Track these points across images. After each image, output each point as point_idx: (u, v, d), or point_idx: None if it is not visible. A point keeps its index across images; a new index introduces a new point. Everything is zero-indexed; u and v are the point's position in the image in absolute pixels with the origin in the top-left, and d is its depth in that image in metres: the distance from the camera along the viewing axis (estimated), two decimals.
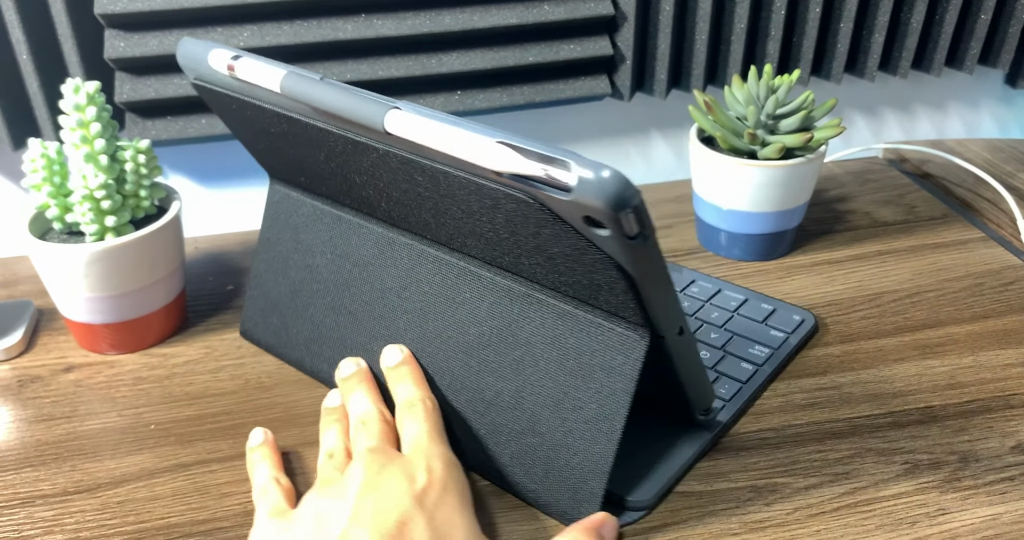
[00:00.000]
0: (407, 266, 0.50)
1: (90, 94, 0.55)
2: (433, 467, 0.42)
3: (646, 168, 0.88)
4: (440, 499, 0.41)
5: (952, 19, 0.81)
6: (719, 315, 0.60)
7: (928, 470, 0.48)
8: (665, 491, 0.47)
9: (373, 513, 0.39)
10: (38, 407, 0.55)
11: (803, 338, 0.58)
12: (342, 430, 0.48)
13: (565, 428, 0.44)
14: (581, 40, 0.75)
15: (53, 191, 0.56)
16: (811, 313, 0.60)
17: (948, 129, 0.93)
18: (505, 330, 0.46)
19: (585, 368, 0.44)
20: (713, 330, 0.58)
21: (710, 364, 0.55)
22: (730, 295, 0.62)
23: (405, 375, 0.49)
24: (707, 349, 0.56)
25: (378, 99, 0.40)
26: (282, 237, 0.57)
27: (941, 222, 0.74)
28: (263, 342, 0.59)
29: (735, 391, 0.53)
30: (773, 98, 0.64)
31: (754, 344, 0.57)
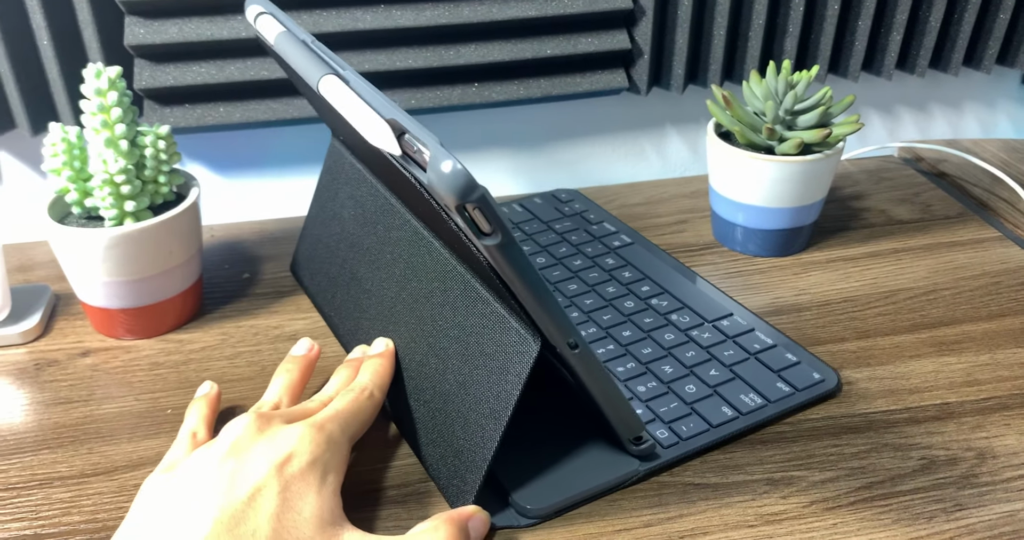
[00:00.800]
0: (396, 234, 0.52)
1: (111, 79, 0.55)
2: (309, 440, 0.42)
3: (661, 163, 0.88)
4: (301, 473, 0.40)
5: (971, 18, 0.81)
6: (733, 354, 0.55)
7: (945, 466, 0.48)
8: (563, 508, 0.45)
9: (230, 476, 0.39)
10: (55, 390, 0.55)
11: (813, 398, 0.52)
12: (287, 383, 0.49)
13: (465, 412, 0.45)
14: (599, 34, 0.75)
15: (73, 175, 0.57)
16: (837, 374, 0.54)
17: (964, 129, 0.93)
18: (448, 306, 0.47)
19: (489, 360, 0.44)
20: (716, 367, 0.54)
21: (691, 399, 0.52)
22: (760, 336, 0.57)
23: (371, 365, 0.50)
24: (696, 384, 0.53)
25: (329, 65, 0.42)
26: (329, 187, 0.60)
27: (957, 221, 0.74)
28: (303, 282, 0.64)
29: (697, 432, 0.49)
30: (792, 93, 0.64)
31: (750, 391, 0.52)
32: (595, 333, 0.58)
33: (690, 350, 0.56)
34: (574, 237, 0.70)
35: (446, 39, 0.73)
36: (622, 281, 0.64)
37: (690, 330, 0.58)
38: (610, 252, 0.67)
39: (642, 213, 0.76)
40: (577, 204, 0.75)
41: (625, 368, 0.55)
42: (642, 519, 0.45)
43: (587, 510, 0.46)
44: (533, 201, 0.76)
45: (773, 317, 0.61)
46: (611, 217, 0.73)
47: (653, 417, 0.51)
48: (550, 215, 0.74)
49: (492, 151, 0.84)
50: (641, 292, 0.62)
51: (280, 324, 0.61)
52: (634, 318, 0.59)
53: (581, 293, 0.62)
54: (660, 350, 0.56)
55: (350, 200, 0.58)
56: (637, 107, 0.84)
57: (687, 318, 0.59)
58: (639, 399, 0.52)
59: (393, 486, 0.48)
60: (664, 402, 0.52)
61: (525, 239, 0.70)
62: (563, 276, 0.65)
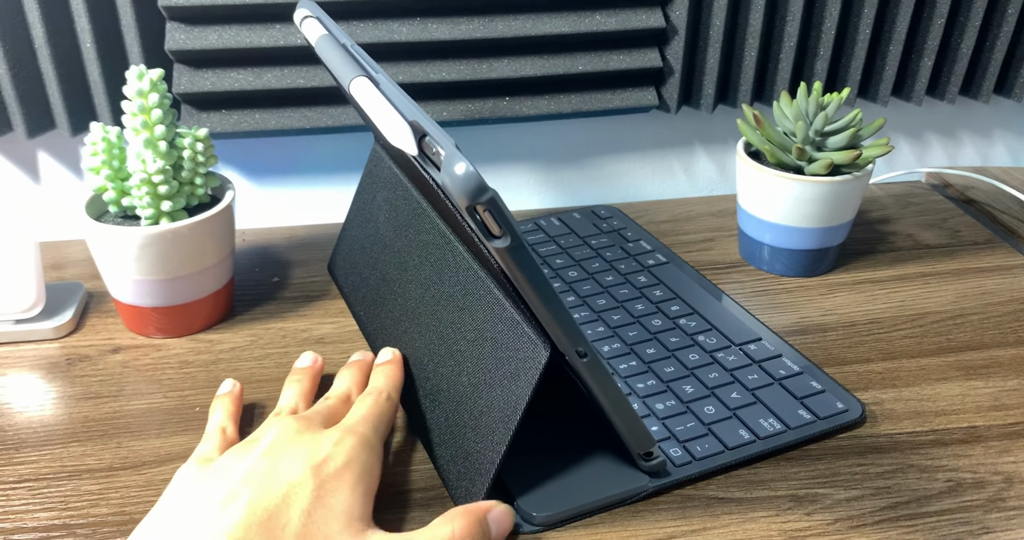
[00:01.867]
0: (425, 238, 0.53)
1: (153, 81, 0.56)
2: (345, 443, 0.42)
3: (689, 182, 0.88)
4: (337, 473, 0.41)
5: (1003, 46, 0.81)
6: (757, 378, 0.55)
7: (972, 489, 0.48)
8: (568, 518, 0.45)
9: (265, 474, 0.40)
10: (86, 385, 0.56)
11: (834, 427, 0.51)
12: (300, 391, 0.50)
13: (477, 415, 0.45)
14: (631, 51, 0.76)
15: (111, 174, 0.58)
16: (862, 404, 0.53)
17: (994, 157, 0.93)
18: (467, 310, 0.48)
19: (501, 364, 0.44)
20: (738, 390, 0.54)
21: (709, 420, 0.51)
22: (787, 363, 0.56)
23: (383, 371, 0.51)
24: (716, 405, 0.52)
25: (363, 67, 0.43)
26: (368, 190, 0.62)
27: (985, 247, 0.73)
28: (338, 282, 0.65)
29: (711, 453, 0.49)
30: (823, 115, 0.64)
31: (770, 416, 0.52)
32: (619, 349, 0.58)
33: (713, 372, 0.56)
34: (608, 253, 0.70)
35: (480, 53, 0.74)
36: (652, 299, 0.64)
37: (716, 352, 0.58)
38: (643, 270, 0.68)
39: (669, 230, 0.76)
40: (615, 221, 0.76)
41: (645, 385, 0.54)
42: (665, 531, 0.45)
43: (609, 519, 0.46)
44: (572, 215, 0.77)
45: (799, 336, 0.61)
46: (648, 235, 0.73)
47: (668, 435, 0.50)
48: (587, 230, 0.74)
49: (520, 165, 0.85)
50: (670, 311, 0.62)
51: (308, 327, 0.62)
52: (660, 336, 0.59)
53: (609, 308, 0.63)
54: (683, 369, 0.56)
55: (386, 203, 0.59)
56: (666, 125, 0.85)
57: (714, 340, 0.59)
58: (656, 416, 0.52)
59: (417, 489, 0.48)
60: (681, 421, 0.51)
61: (559, 252, 0.71)
62: (593, 291, 0.65)
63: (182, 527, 0.38)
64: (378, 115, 0.39)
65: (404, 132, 0.38)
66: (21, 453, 0.50)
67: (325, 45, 0.47)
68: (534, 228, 0.75)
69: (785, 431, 0.51)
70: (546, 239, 0.73)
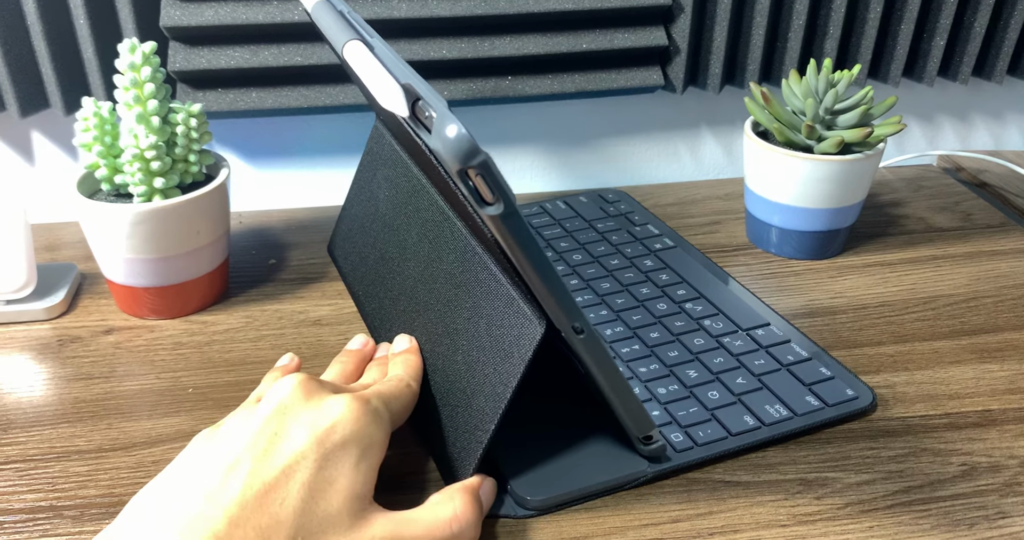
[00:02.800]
0: (425, 215, 0.51)
1: (146, 54, 0.55)
2: (353, 417, 0.40)
3: (695, 164, 0.87)
4: (342, 443, 0.39)
5: (1017, 25, 0.79)
6: (764, 364, 0.53)
7: (987, 473, 0.46)
8: (563, 502, 0.44)
9: (269, 441, 0.38)
10: (77, 366, 0.55)
11: (844, 415, 0.50)
12: (341, 371, 0.49)
13: (469, 393, 0.44)
14: (636, 29, 0.74)
15: (103, 151, 0.56)
16: (872, 391, 0.51)
17: (1007, 140, 0.91)
18: (464, 287, 0.46)
19: (496, 341, 0.43)
20: (743, 375, 0.52)
21: (713, 405, 0.50)
22: (795, 348, 0.55)
23: (402, 359, 0.48)
24: (720, 390, 0.51)
25: (357, 31, 0.43)
26: (369, 168, 0.60)
27: (999, 230, 0.72)
28: (338, 262, 0.64)
29: (714, 439, 0.47)
30: (833, 92, 0.62)
31: (776, 402, 0.50)
32: (622, 332, 0.57)
33: (719, 356, 0.54)
34: (615, 237, 0.69)
35: (481, 31, 0.72)
36: (658, 283, 0.62)
37: (722, 337, 0.56)
38: (650, 254, 0.66)
39: (674, 213, 0.75)
40: (623, 205, 0.74)
41: (648, 369, 0.53)
42: (670, 514, 0.44)
43: (612, 502, 0.44)
44: (579, 199, 0.75)
45: (808, 319, 0.59)
46: (655, 219, 0.71)
47: (670, 420, 0.49)
48: (593, 214, 0.73)
49: (523, 147, 0.83)
50: (676, 295, 0.60)
51: (305, 309, 0.60)
52: (665, 321, 0.58)
53: (614, 292, 0.61)
54: (687, 354, 0.54)
55: (386, 181, 0.57)
56: (672, 106, 0.83)
57: (720, 325, 0.57)
58: (658, 401, 0.50)
59: (411, 472, 0.46)
60: (684, 406, 0.50)
61: (564, 236, 0.69)
62: (597, 274, 0.64)
63: (184, 494, 0.36)
64: (371, 78, 0.38)
65: (397, 95, 0.36)
66: (9, 434, 0.49)
67: (321, 10, 0.46)
68: (539, 211, 0.73)
69: (792, 418, 0.49)
70: (551, 222, 0.71)
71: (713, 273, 0.64)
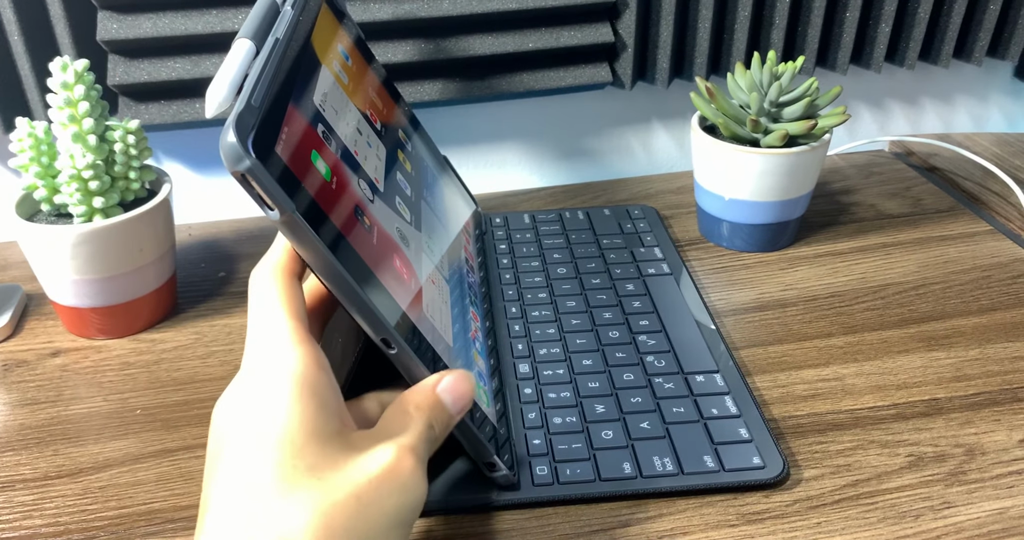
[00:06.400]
0: None
1: (78, 72, 0.54)
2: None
3: (647, 158, 0.87)
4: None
5: (960, 10, 0.79)
6: (683, 412, 0.49)
7: (933, 463, 0.47)
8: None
9: None
10: (22, 391, 0.54)
11: (742, 482, 0.45)
12: None
13: None
14: (582, 27, 0.74)
15: (41, 172, 0.55)
16: (786, 463, 0.46)
17: (956, 123, 0.92)
18: None
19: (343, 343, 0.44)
20: (651, 420, 0.49)
21: (600, 445, 0.47)
22: (727, 403, 0.50)
23: None
24: (617, 431, 0.48)
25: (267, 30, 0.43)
26: None
27: (948, 215, 0.72)
28: None
29: (580, 480, 0.45)
30: (776, 85, 0.63)
31: (668, 455, 0.46)
32: (556, 354, 0.55)
33: (640, 396, 0.51)
34: (613, 255, 0.66)
35: (426, 33, 0.72)
36: (627, 309, 0.59)
37: (657, 376, 0.52)
38: (638, 278, 0.63)
39: None
40: (643, 223, 0.70)
41: (558, 396, 0.51)
42: (619, 519, 0.44)
43: (563, 509, 0.44)
44: (601, 212, 0.72)
45: (758, 313, 0.60)
46: (668, 243, 0.68)
47: (546, 451, 0.47)
48: (607, 228, 0.70)
49: (474, 146, 0.83)
50: (637, 325, 0.57)
51: None
52: (608, 349, 0.55)
53: (574, 312, 0.59)
54: (609, 388, 0.51)
55: None
56: (622, 102, 0.83)
57: (663, 363, 0.54)
58: (547, 430, 0.48)
59: None
60: (569, 440, 0.47)
61: (563, 247, 0.67)
62: (571, 291, 0.61)
63: None
64: (219, 75, 0.38)
65: (216, 94, 0.37)
66: None
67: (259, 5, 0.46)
68: (555, 218, 0.71)
69: (676, 475, 0.45)
70: (559, 231, 0.69)
71: (694, 309, 0.59)
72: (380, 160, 0.51)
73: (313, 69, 0.47)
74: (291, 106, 0.40)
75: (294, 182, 0.36)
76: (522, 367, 0.54)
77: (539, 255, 0.66)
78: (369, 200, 0.45)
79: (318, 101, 0.45)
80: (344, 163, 0.44)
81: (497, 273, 0.64)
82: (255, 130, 0.34)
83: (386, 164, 0.52)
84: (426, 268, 0.49)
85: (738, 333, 0.58)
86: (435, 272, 0.50)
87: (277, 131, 0.37)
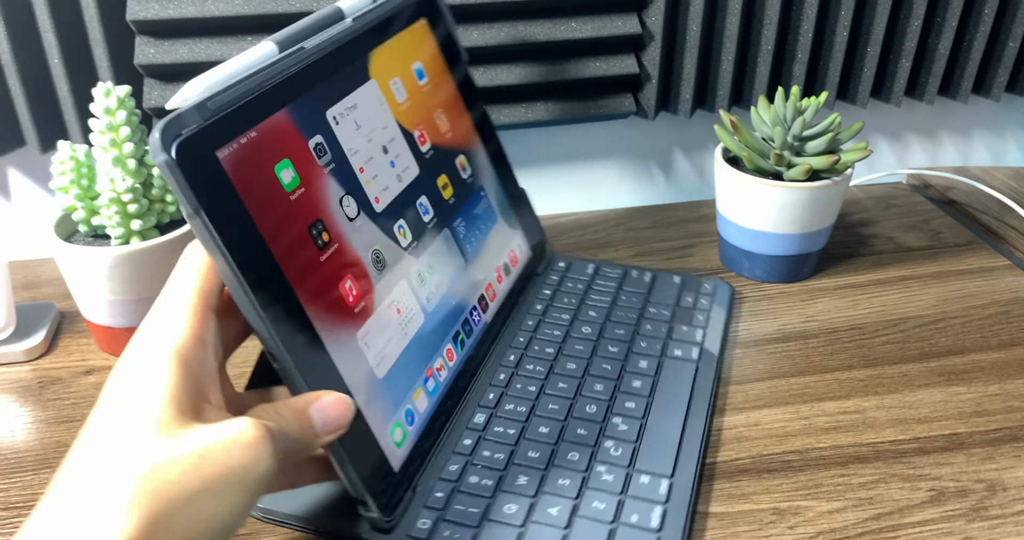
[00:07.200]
0: None
1: (120, 98, 0.55)
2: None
3: (669, 187, 0.88)
4: None
5: (980, 46, 0.81)
6: (603, 509, 0.45)
7: (954, 498, 0.47)
8: (277, 519, 0.46)
9: None
10: (57, 409, 0.55)
11: None
12: None
13: None
14: (608, 58, 0.75)
15: (80, 194, 0.57)
16: None
17: (973, 157, 0.93)
18: None
19: None
20: (561, 506, 0.46)
21: (494, 517, 0.45)
22: (654, 514, 0.45)
23: None
24: (520, 505, 0.46)
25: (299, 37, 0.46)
26: None
27: (966, 249, 0.73)
28: None
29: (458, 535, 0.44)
30: (800, 119, 0.64)
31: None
32: (520, 413, 0.52)
33: (571, 479, 0.47)
34: (649, 327, 0.60)
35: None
36: (622, 387, 0.55)
37: (603, 464, 0.48)
38: (657, 356, 0.58)
39: (649, 237, 0.76)
40: (705, 299, 0.64)
41: (491, 455, 0.49)
42: None
43: None
44: (670, 278, 0.66)
45: (780, 344, 0.61)
46: (719, 332, 0.60)
47: (442, 507, 0.45)
48: (663, 298, 0.64)
49: None
50: (621, 407, 0.53)
51: None
52: (572, 422, 0.52)
53: (568, 376, 0.56)
54: (542, 461, 0.49)
55: None
56: (645, 131, 0.84)
57: (619, 452, 0.49)
58: (458, 487, 0.47)
59: None
60: (471, 502, 0.46)
61: (605, 306, 0.63)
62: (581, 353, 0.58)
63: None
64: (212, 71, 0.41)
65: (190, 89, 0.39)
66: None
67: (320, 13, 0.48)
68: (618, 275, 0.67)
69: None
70: (612, 289, 0.65)
71: (695, 406, 0.53)
72: (400, 181, 0.52)
73: (350, 81, 0.49)
74: (281, 113, 0.42)
75: (222, 185, 0.38)
76: (478, 417, 0.52)
77: (574, 309, 0.63)
78: (348, 218, 0.46)
79: (333, 113, 0.47)
80: (332, 177, 0.45)
81: (521, 318, 0.62)
82: (194, 130, 0.37)
83: (408, 186, 0.53)
84: (397, 295, 0.49)
85: (760, 364, 0.59)
86: (411, 300, 0.50)
87: (232, 135, 0.39)
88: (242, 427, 0.35)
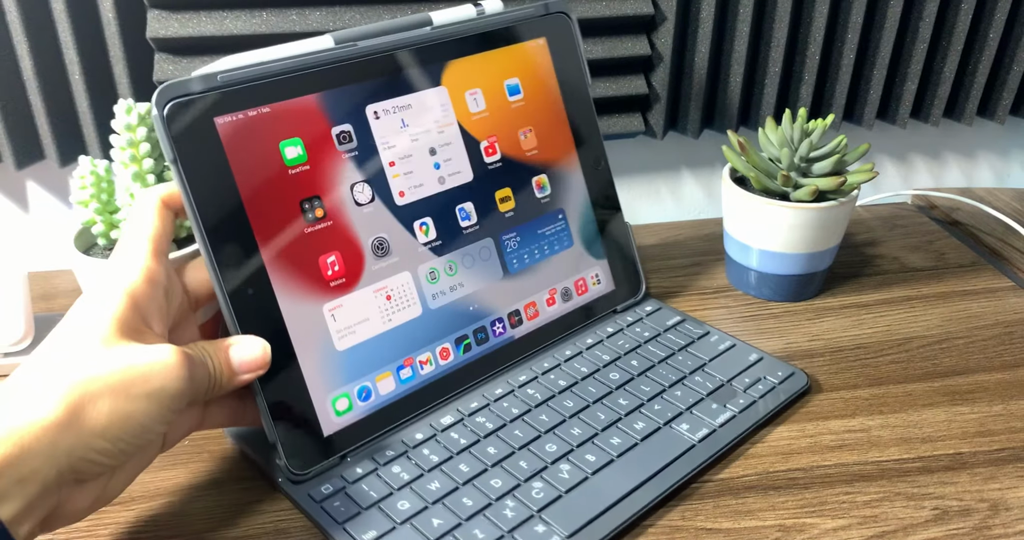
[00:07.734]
0: None
1: (141, 115, 0.56)
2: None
3: (676, 206, 0.89)
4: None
5: (985, 69, 0.82)
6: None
7: (958, 517, 0.48)
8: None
9: None
10: None
11: None
12: None
13: None
14: (617, 78, 0.77)
15: (100, 208, 0.58)
16: None
17: (978, 178, 0.94)
18: None
19: None
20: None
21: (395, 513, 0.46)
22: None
23: None
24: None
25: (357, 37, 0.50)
26: None
27: (970, 270, 0.74)
28: None
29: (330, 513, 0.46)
30: (807, 141, 0.65)
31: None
32: (487, 428, 0.52)
33: (473, 500, 0.47)
34: (679, 393, 0.56)
35: None
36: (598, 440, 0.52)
37: (513, 499, 0.48)
38: (659, 423, 0.53)
39: (656, 254, 0.77)
40: (761, 385, 0.57)
41: (428, 454, 0.50)
42: None
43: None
44: (748, 352, 0.60)
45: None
46: (751, 419, 0.54)
47: (352, 482, 0.48)
48: (724, 369, 0.59)
49: None
50: (579, 456, 0.50)
51: None
52: (519, 453, 0.51)
53: (555, 410, 0.54)
54: (462, 475, 0.49)
55: None
56: (653, 150, 0.85)
57: (540, 495, 0.48)
58: (378, 472, 0.49)
59: None
60: (375, 487, 0.48)
61: (653, 363, 0.59)
62: (590, 394, 0.55)
63: None
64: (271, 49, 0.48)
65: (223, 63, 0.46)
66: None
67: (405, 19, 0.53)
68: (696, 334, 0.62)
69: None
70: (676, 345, 0.61)
71: (656, 480, 0.49)
72: (441, 184, 0.53)
73: (411, 83, 0.51)
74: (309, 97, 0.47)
75: (211, 147, 0.44)
76: (446, 418, 0.53)
77: (620, 354, 0.59)
78: (356, 202, 0.50)
79: (375, 108, 0.49)
80: (351, 163, 0.49)
81: (563, 346, 0.60)
82: (193, 97, 0.43)
83: (450, 189, 0.54)
84: (393, 283, 0.52)
85: None
86: (409, 292, 0.52)
87: (237, 107, 0.45)
88: (166, 350, 0.41)
